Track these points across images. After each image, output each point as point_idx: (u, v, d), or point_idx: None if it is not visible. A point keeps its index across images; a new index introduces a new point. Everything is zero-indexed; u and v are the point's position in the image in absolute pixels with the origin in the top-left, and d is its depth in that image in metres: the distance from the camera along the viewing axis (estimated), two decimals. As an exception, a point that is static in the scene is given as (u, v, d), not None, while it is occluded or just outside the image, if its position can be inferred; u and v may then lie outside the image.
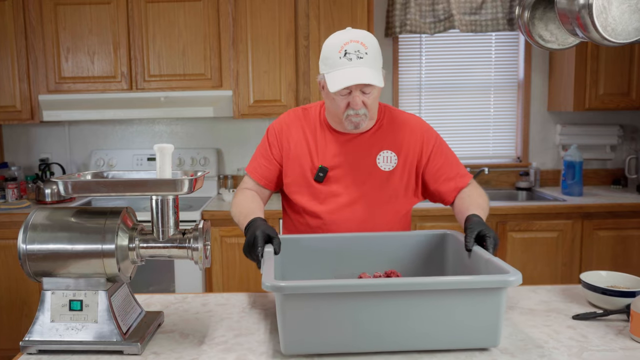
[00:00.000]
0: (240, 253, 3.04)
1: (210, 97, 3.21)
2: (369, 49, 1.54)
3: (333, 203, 1.68)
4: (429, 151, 1.72)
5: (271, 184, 1.76)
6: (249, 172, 1.79)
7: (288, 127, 1.74)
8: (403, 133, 1.72)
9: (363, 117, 1.59)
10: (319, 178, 1.68)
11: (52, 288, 1.27)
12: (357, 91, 1.54)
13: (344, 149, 1.69)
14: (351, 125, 1.61)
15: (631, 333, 1.29)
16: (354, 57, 1.52)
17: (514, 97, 3.74)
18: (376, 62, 1.56)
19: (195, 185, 1.23)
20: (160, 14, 3.18)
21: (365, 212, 1.69)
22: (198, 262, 1.28)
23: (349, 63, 1.52)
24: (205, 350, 1.27)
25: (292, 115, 1.77)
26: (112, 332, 1.24)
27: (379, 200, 1.69)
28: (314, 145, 1.70)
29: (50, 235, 1.25)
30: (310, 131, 1.72)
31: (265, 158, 1.76)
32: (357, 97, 1.55)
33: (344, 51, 1.52)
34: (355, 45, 1.52)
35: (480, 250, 1.38)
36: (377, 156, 1.69)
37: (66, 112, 3.19)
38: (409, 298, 1.17)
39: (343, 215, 1.68)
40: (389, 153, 1.69)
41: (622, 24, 1.38)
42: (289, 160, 1.72)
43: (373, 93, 1.57)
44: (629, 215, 3.08)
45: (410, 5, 3.42)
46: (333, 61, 1.54)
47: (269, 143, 1.76)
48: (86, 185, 1.26)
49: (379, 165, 1.68)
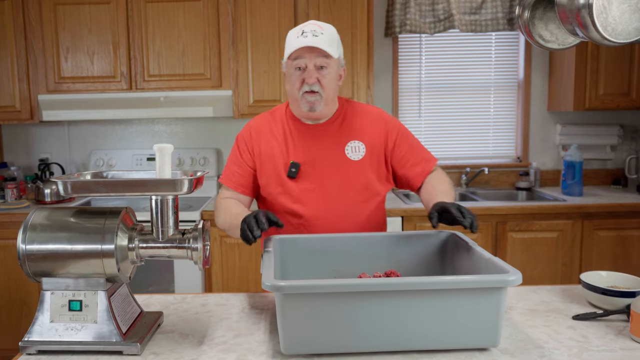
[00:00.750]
0: (240, 253, 3.04)
1: (209, 97, 3.20)
2: (325, 31, 1.63)
3: (310, 199, 1.70)
4: (394, 138, 1.76)
5: (248, 190, 1.78)
6: (223, 182, 1.80)
7: (257, 132, 1.77)
8: (367, 122, 1.76)
9: (318, 96, 1.65)
10: (292, 174, 1.70)
11: (52, 288, 1.26)
12: (312, 64, 1.62)
13: (313, 143, 1.72)
14: (306, 105, 1.66)
15: (631, 333, 1.29)
16: (309, 35, 1.61)
17: (514, 97, 3.74)
18: (332, 43, 1.63)
19: (194, 186, 1.23)
20: (160, 13, 3.18)
21: (343, 204, 1.71)
22: (197, 262, 1.28)
23: (304, 40, 1.60)
24: (204, 350, 1.27)
25: (259, 120, 1.81)
26: (112, 333, 1.24)
27: (353, 191, 1.72)
28: (284, 143, 1.73)
29: (50, 236, 1.25)
30: (278, 129, 1.76)
31: (238, 165, 1.78)
32: (311, 71, 1.62)
33: (302, 31, 1.62)
34: (312, 27, 1.63)
35: (480, 250, 1.38)
36: (345, 147, 1.72)
37: (66, 112, 3.18)
38: (408, 298, 1.17)
39: (322, 211, 1.70)
40: (357, 143, 1.73)
41: (622, 24, 1.38)
42: (262, 163, 1.75)
43: (329, 71, 1.64)
44: (629, 215, 3.08)
45: (410, 5, 3.42)
46: (290, 42, 1.63)
47: (239, 151, 1.78)
48: (85, 185, 1.26)
49: (348, 156, 1.72)
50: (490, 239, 3.07)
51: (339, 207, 1.71)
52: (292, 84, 1.67)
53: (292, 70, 1.66)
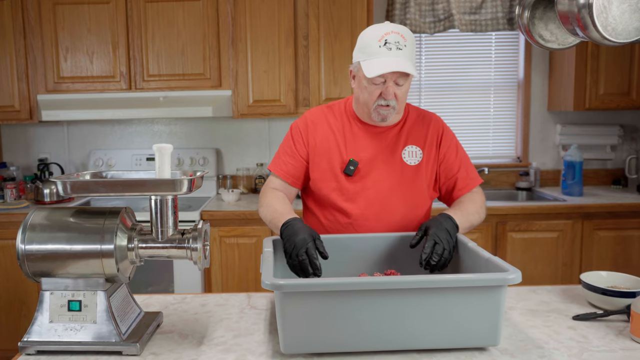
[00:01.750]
0: (239, 253, 3.04)
1: (209, 97, 3.20)
2: (407, 42, 1.55)
3: (363, 199, 1.68)
4: (445, 149, 1.73)
5: (298, 182, 1.75)
6: (274, 170, 1.75)
7: (313, 123, 1.74)
8: (426, 129, 1.73)
9: (392, 109, 1.61)
10: (349, 171, 1.67)
11: (51, 288, 1.26)
12: (392, 81, 1.57)
13: (372, 143, 1.69)
14: (379, 117, 1.63)
15: (631, 334, 1.29)
16: (393, 47, 1.53)
17: (514, 97, 3.74)
18: (413, 56, 1.58)
19: (194, 185, 1.23)
20: (160, 13, 3.18)
21: (395, 208, 1.69)
22: (197, 262, 1.28)
23: (388, 52, 1.53)
24: (204, 350, 1.27)
25: (317, 112, 1.77)
26: (111, 333, 1.24)
27: (406, 195, 1.69)
28: (342, 139, 1.70)
29: (49, 236, 1.24)
30: (337, 125, 1.72)
31: (291, 155, 1.73)
32: (390, 87, 1.57)
33: (385, 40, 1.54)
34: (395, 37, 1.54)
35: (480, 249, 1.38)
36: (402, 151, 1.70)
37: (65, 112, 3.18)
38: (408, 297, 1.17)
39: (372, 213, 1.68)
40: (414, 148, 1.71)
41: (623, 24, 1.37)
42: (316, 156, 1.71)
43: (405, 86, 1.60)
44: (629, 215, 3.07)
45: (410, 4, 3.41)
46: (372, 49, 1.55)
47: (293, 140, 1.74)
48: (85, 185, 1.25)
49: (405, 160, 1.70)
50: (490, 239, 3.07)
51: (390, 211, 1.68)
52: (368, 94, 1.60)
53: (367, 80, 1.59)
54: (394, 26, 1.57)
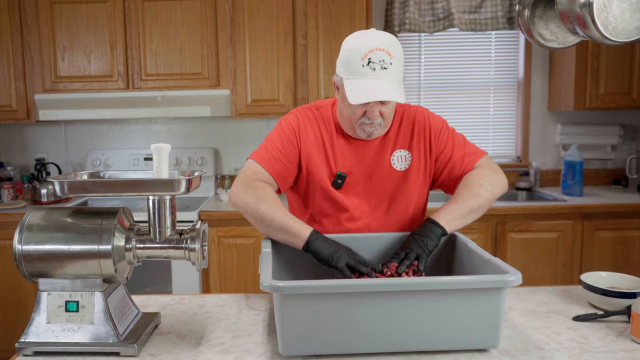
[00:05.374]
0: (237, 254, 3.03)
1: (207, 97, 3.19)
2: (394, 59, 1.45)
3: (353, 210, 1.64)
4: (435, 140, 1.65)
5: (284, 185, 1.63)
6: (262, 164, 1.58)
7: (305, 127, 1.64)
8: (411, 128, 1.65)
9: (377, 126, 1.54)
10: (337, 185, 1.61)
11: (48, 289, 1.25)
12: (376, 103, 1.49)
13: (359, 154, 1.63)
14: (364, 133, 1.56)
15: (632, 334, 1.28)
16: (377, 67, 1.44)
17: (513, 96, 3.74)
18: (399, 73, 1.48)
19: (192, 186, 1.22)
20: (157, 12, 3.17)
21: (387, 215, 1.66)
22: (195, 262, 1.27)
23: (372, 73, 1.44)
24: (202, 351, 1.26)
25: (307, 114, 1.66)
26: (109, 334, 1.23)
27: (398, 201, 1.65)
28: (331, 150, 1.63)
29: (46, 236, 1.24)
30: (327, 134, 1.64)
31: (282, 153, 1.60)
32: (374, 108, 1.49)
33: (368, 59, 1.44)
34: (380, 54, 1.44)
35: (480, 250, 1.37)
36: (391, 157, 1.64)
37: (62, 112, 3.17)
38: (407, 298, 1.16)
39: (365, 222, 1.64)
40: (403, 152, 1.64)
41: (623, 23, 1.37)
42: (307, 163, 1.63)
43: (391, 103, 1.52)
44: (629, 215, 3.07)
45: (409, 3, 3.41)
46: (355, 68, 1.45)
47: (285, 139, 1.62)
48: (82, 185, 1.25)
49: (394, 166, 1.63)
50: (490, 240, 3.06)
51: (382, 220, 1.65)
52: (351, 112, 1.52)
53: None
54: (379, 40, 1.45)
